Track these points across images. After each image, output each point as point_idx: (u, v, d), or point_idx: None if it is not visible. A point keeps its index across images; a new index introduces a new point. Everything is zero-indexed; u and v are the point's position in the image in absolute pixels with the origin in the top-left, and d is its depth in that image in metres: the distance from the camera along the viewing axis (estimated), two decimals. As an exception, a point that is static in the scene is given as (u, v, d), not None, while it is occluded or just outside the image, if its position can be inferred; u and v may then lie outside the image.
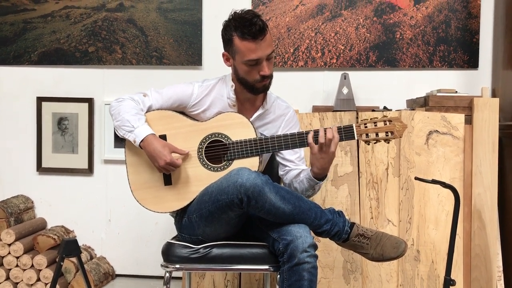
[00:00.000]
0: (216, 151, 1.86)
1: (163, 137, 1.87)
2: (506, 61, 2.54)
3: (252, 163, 1.81)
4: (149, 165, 1.86)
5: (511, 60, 2.49)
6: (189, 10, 2.81)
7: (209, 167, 1.84)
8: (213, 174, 1.82)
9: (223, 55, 1.89)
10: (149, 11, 2.83)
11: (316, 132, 1.75)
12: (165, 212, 1.88)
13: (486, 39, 2.68)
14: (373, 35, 2.71)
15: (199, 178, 1.83)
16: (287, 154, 1.93)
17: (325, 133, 1.71)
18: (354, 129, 1.76)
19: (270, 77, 1.84)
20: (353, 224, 1.75)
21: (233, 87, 1.90)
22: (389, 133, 1.75)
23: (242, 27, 1.75)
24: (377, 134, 1.75)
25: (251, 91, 1.86)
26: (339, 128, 1.76)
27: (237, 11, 1.81)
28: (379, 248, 1.69)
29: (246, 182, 1.62)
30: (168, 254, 1.77)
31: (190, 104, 1.92)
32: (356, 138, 1.76)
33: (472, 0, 2.65)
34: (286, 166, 1.94)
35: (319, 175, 1.80)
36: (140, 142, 1.79)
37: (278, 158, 1.97)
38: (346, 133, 1.76)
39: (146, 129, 1.81)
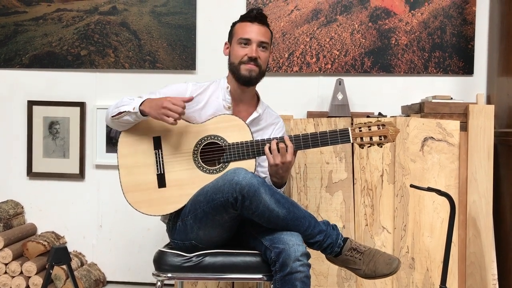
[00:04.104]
0: (211, 153, 1.84)
1: (158, 138, 1.85)
2: (501, 68, 2.54)
3: (249, 166, 1.80)
4: (142, 167, 1.84)
5: (506, 66, 2.49)
6: (183, 14, 2.78)
7: (204, 169, 1.82)
8: (209, 177, 1.80)
9: (225, 44, 1.99)
10: (143, 14, 2.81)
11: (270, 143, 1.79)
12: (159, 215, 1.85)
13: (481, 45, 2.67)
14: (368, 40, 2.70)
15: (194, 181, 1.81)
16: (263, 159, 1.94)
17: (278, 143, 1.78)
18: (350, 133, 1.78)
19: (256, 62, 1.88)
20: (346, 238, 1.74)
21: (229, 89, 1.92)
22: (383, 137, 1.80)
23: (246, 13, 1.94)
24: (371, 138, 1.80)
25: (237, 78, 1.90)
26: (334, 131, 1.77)
27: None
28: (371, 264, 1.68)
29: (242, 180, 1.61)
30: (160, 262, 1.74)
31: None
32: (351, 141, 1.80)
33: (468, 6, 2.65)
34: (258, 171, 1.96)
35: (278, 184, 1.84)
36: (140, 106, 1.77)
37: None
38: (341, 136, 1.79)
39: (144, 97, 1.82)
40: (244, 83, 1.91)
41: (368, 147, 1.81)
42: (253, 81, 1.91)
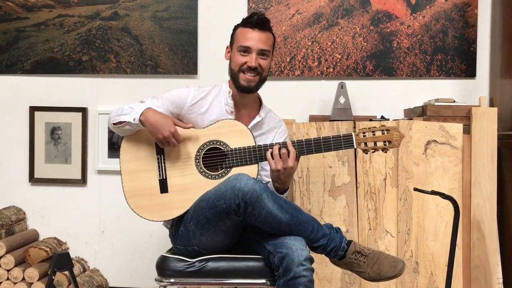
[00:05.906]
0: (214, 158, 1.83)
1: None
2: (503, 70, 2.53)
3: (251, 171, 1.79)
4: (144, 173, 1.83)
5: (508, 69, 2.48)
6: (184, 19, 2.78)
7: (206, 174, 1.81)
8: (211, 182, 1.79)
9: (226, 48, 1.97)
10: (144, 19, 2.81)
11: (272, 148, 1.78)
12: (161, 221, 1.84)
13: (483, 48, 2.66)
14: (370, 44, 2.69)
15: (197, 186, 1.80)
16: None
17: (280, 149, 1.76)
18: (354, 138, 1.76)
19: (256, 71, 1.86)
20: (350, 241, 1.72)
21: (230, 93, 1.92)
22: (387, 142, 1.77)
23: (247, 18, 1.90)
24: (375, 143, 1.77)
25: (236, 86, 1.89)
26: (338, 137, 1.75)
27: None
28: (376, 267, 1.66)
29: (245, 187, 1.60)
30: (163, 268, 1.73)
31: (187, 105, 1.91)
32: (355, 146, 1.77)
33: (469, 9, 2.64)
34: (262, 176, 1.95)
35: (280, 189, 1.82)
36: (140, 116, 1.76)
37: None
38: (345, 142, 1.77)
39: (144, 106, 1.80)
40: (242, 91, 1.90)
41: (372, 152, 1.79)
42: (252, 90, 1.91)
